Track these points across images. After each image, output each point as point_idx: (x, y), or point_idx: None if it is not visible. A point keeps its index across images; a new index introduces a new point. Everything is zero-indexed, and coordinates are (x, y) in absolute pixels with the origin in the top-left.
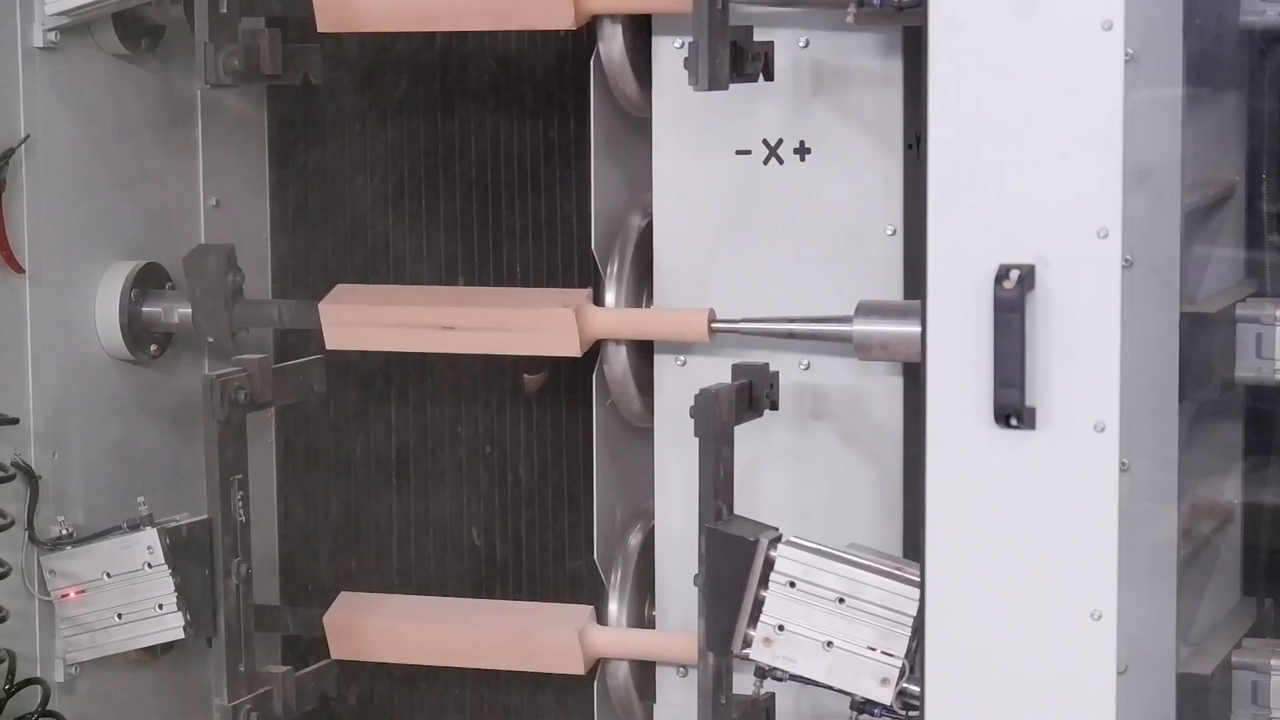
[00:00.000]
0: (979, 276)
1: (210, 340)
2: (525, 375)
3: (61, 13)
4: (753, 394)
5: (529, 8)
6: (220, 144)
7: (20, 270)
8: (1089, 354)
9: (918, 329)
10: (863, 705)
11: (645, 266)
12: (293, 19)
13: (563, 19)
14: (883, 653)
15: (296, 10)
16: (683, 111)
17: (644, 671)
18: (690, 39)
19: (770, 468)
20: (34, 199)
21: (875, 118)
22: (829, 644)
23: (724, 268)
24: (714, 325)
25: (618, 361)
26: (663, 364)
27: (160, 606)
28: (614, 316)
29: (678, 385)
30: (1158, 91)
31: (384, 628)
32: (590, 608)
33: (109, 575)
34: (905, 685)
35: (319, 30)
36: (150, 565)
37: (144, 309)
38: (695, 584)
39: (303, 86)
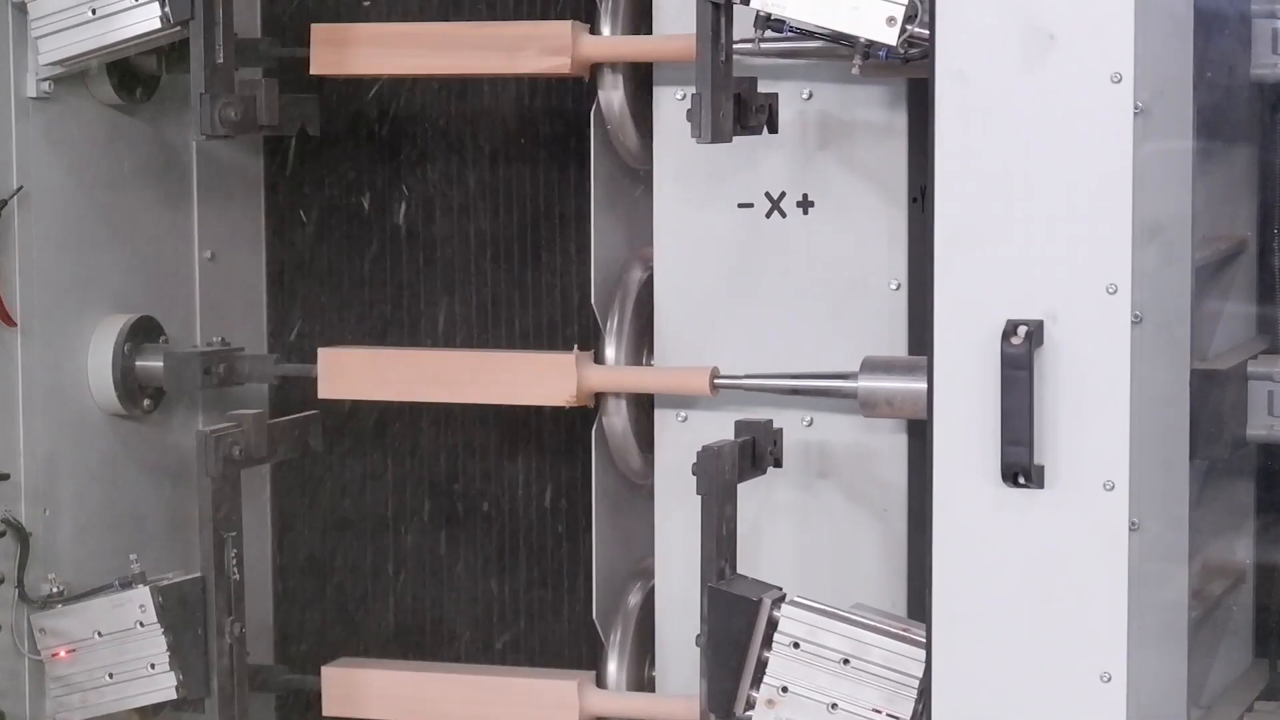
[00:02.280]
0: (986, 332)
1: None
2: None
3: (55, 62)
4: (756, 451)
5: (526, 53)
6: (216, 195)
7: (12, 323)
8: (1098, 411)
9: (924, 385)
10: None
11: (646, 321)
12: (290, 69)
13: (560, 63)
14: (888, 715)
15: (294, 60)
16: (684, 163)
17: None
18: (692, 89)
19: (773, 526)
20: (26, 251)
21: (879, 170)
22: (833, 705)
23: (725, 322)
24: (717, 381)
25: (618, 417)
26: (663, 420)
27: (152, 666)
28: (615, 372)
29: (678, 441)
30: (1168, 145)
31: (380, 691)
32: (590, 672)
33: (100, 634)
34: None
35: (312, 73)
36: (142, 624)
37: (137, 363)
38: (697, 644)
39: (300, 137)
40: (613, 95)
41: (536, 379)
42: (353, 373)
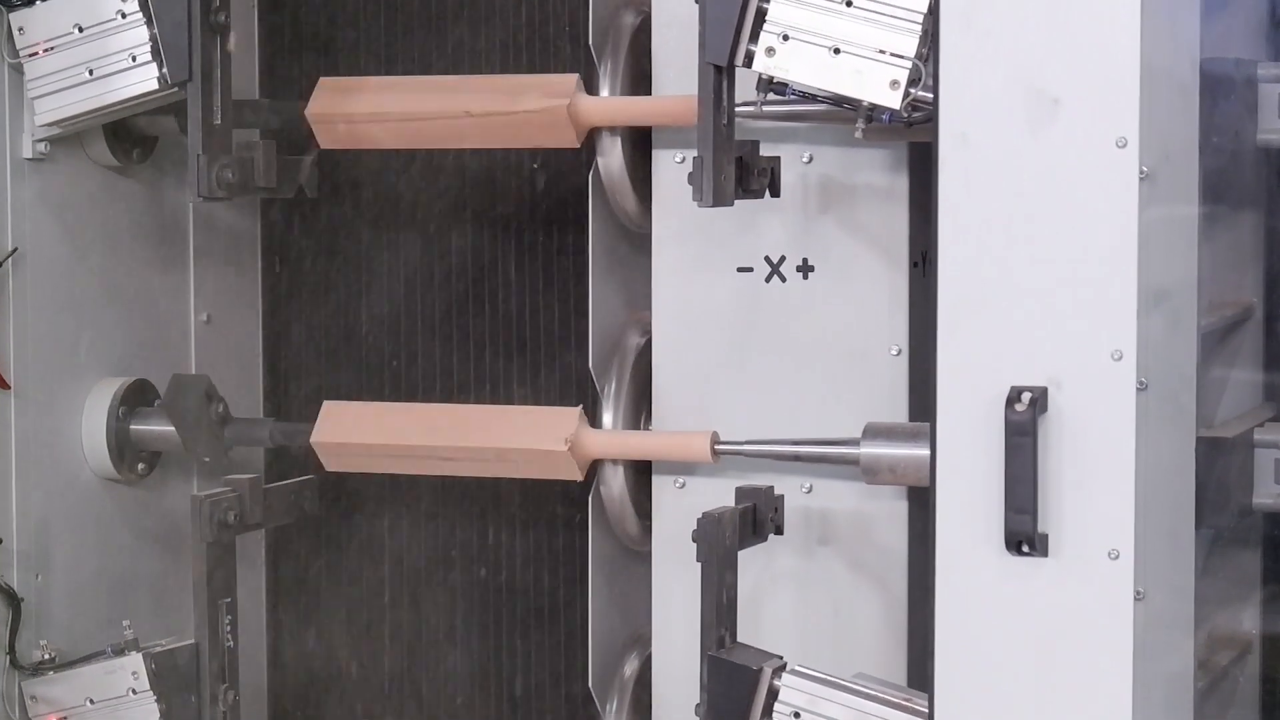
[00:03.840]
0: (990, 399)
1: (206, 460)
2: None
3: (52, 123)
4: (757, 518)
5: (529, 126)
6: (212, 258)
7: (6, 386)
8: (1103, 479)
9: (927, 452)
10: None
11: (643, 386)
12: (287, 131)
13: (564, 137)
14: None
15: (291, 122)
16: (683, 227)
17: None
18: (691, 152)
19: (773, 593)
20: (20, 313)
21: (880, 235)
22: None
23: (724, 387)
24: (718, 447)
25: (615, 483)
26: (661, 486)
27: None
28: (613, 438)
29: (677, 507)
30: (1173, 210)
31: None
32: None
33: (92, 701)
34: None
35: (320, 147)
36: (135, 691)
37: (132, 427)
38: (696, 714)
39: (297, 199)
40: (611, 160)
41: (537, 430)
42: (349, 421)
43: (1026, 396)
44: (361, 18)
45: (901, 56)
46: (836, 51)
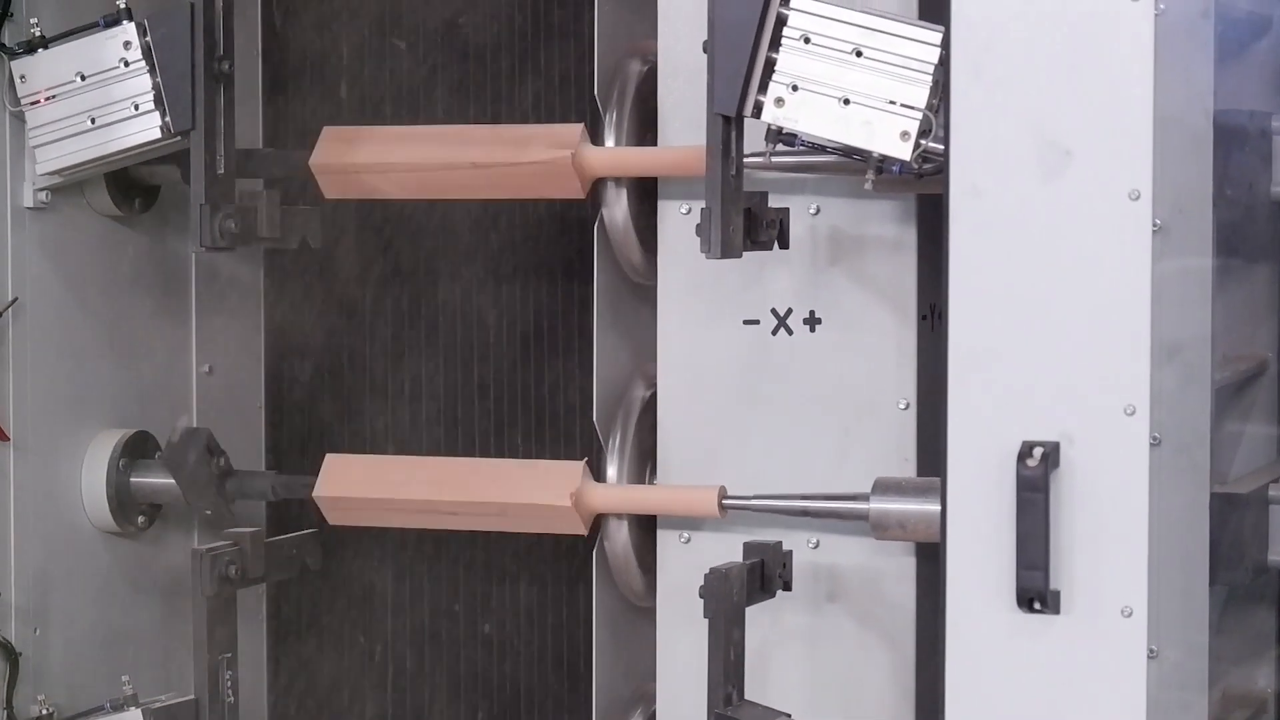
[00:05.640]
0: (1001, 454)
1: (207, 513)
2: None
3: (54, 172)
4: (765, 573)
5: (534, 177)
6: (214, 308)
7: (5, 438)
8: (1115, 535)
9: (937, 507)
10: None
11: (648, 439)
12: (291, 181)
13: (569, 188)
14: None
15: (295, 172)
16: (689, 279)
17: None
18: (698, 203)
19: (781, 650)
20: (20, 364)
21: (889, 287)
22: None
23: (729, 441)
24: (725, 502)
25: (619, 538)
26: (666, 541)
27: None
28: (618, 492)
29: (682, 563)
30: (1187, 263)
31: None
32: None
33: None
34: None
35: (324, 198)
36: None
37: (132, 479)
38: None
39: (301, 250)
40: (616, 211)
41: (540, 484)
42: (351, 475)
43: (1038, 452)
44: (366, 66)
45: (912, 107)
46: (846, 102)
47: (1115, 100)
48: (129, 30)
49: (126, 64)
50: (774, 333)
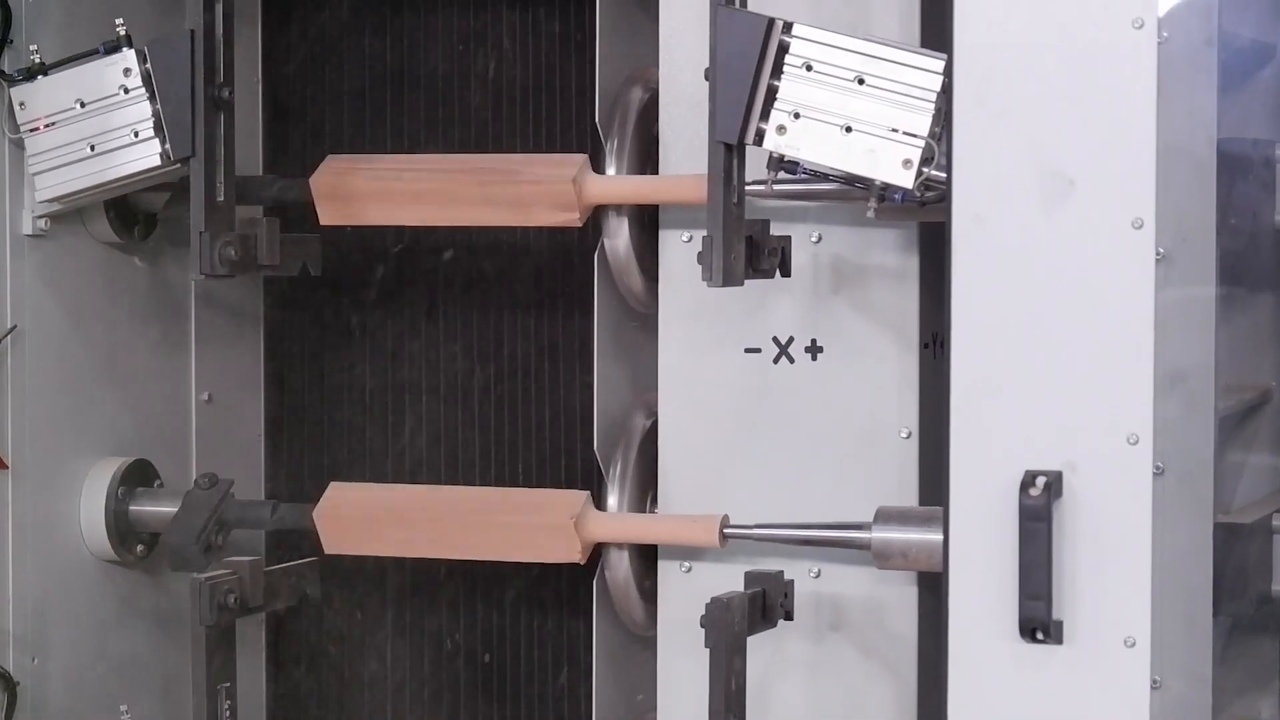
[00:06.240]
0: (1004, 483)
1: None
2: None
3: (53, 199)
4: (766, 603)
5: (535, 205)
6: (214, 336)
7: (4, 466)
8: (1119, 565)
9: (939, 537)
10: None
11: (649, 468)
12: (292, 208)
13: (570, 215)
14: None
15: (295, 199)
16: (690, 307)
17: None
18: (699, 231)
19: (782, 680)
20: (19, 391)
21: (890, 315)
22: None
23: (731, 470)
24: (726, 532)
25: (620, 567)
26: (667, 570)
27: None
28: (619, 521)
29: (683, 593)
30: (1190, 292)
31: None
32: None
33: None
34: None
35: (321, 224)
36: None
37: (131, 508)
38: None
39: (301, 277)
40: (617, 239)
41: (541, 512)
42: (352, 503)
43: (1041, 481)
44: (367, 93)
45: (914, 135)
46: (848, 130)
47: (1118, 128)
48: (129, 57)
49: (126, 91)
50: (775, 361)
